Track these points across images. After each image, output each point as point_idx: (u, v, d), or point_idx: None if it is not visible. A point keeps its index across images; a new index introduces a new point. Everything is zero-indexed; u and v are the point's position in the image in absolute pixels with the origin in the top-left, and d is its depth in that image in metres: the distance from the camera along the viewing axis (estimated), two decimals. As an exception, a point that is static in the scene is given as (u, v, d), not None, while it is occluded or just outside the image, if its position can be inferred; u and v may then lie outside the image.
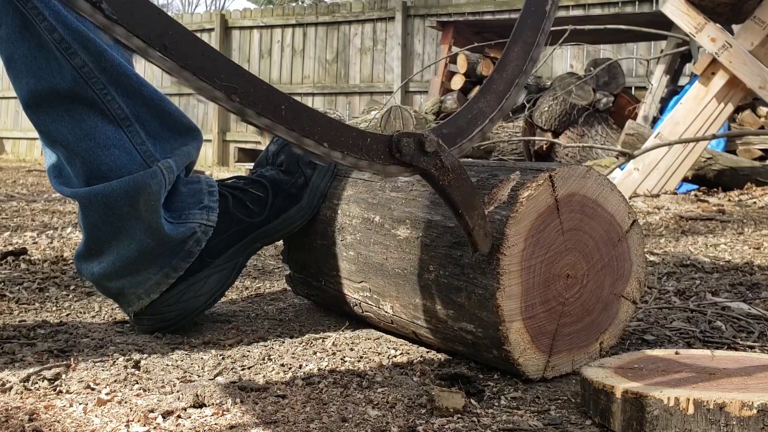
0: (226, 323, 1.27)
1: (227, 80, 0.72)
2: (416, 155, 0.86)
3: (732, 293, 1.53)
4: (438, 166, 0.87)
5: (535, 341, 0.96)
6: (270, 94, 0.75)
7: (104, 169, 1.11)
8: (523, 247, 0.94)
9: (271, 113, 0.75)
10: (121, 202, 1.11)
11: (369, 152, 0.83)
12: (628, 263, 1.04)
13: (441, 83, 6.19)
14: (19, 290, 1.49)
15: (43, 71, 1.09)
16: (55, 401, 0.87)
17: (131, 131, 1.13)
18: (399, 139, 0.85)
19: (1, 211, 2.95)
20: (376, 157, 0.84)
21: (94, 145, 1.11)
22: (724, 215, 2.89)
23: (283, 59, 8.64)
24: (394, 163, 0.85)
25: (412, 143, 0.85)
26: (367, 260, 1.14)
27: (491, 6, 7.29)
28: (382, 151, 0.84)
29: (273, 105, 0.76)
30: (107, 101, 1.11)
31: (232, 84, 0.73)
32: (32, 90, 1.10)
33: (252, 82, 0.74)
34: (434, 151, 0.87)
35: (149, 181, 1.12)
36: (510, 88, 0.94)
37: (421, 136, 0.86)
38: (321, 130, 0.79)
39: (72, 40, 1.08)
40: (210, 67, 0.71)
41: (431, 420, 0.83)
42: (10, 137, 10.28)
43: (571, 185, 0.97)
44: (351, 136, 0.82)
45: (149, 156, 1.14)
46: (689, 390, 0.79)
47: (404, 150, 0.85)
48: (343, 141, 0.81)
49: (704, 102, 3.74)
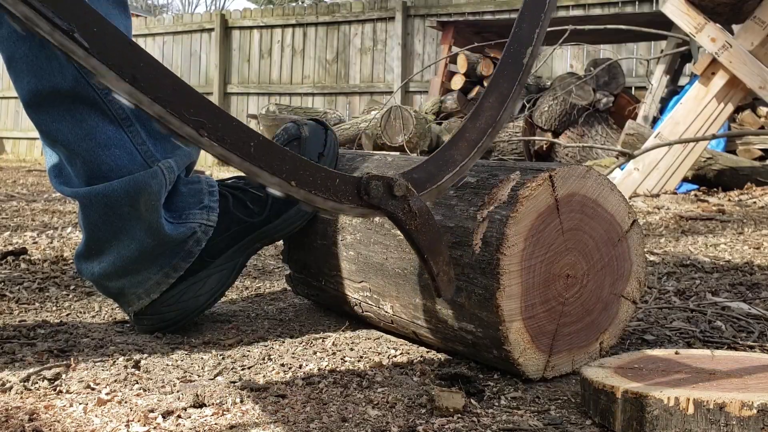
0: (226, 323, 1.27)
1: (196, 114, 0.72)
2: (384, 198, 0.86)
3: (732, 293, 1.53)
4: (405, 210, 0.87)
5: (535, 341, 0.96)
6: (239, 131, 0.74)
7: (105, 168, 1.11)
8: (523, 247, 0.94)
9: (239, 150, 0.74)
10: (122, 202, 1.11)
11: (337, 193, 0.82)
12: (628, 263, 1.04)
13: (441, 83, 6.20)
14: (19, 290, 1.49)
15: (44, 71, 1.09)
16: (55, 401, 0.87)
17: (132, 131, 1.13)
18: (368, 181, 0.84)
19: (1, 211, 2.95)
20: (344, 199, 0.83)
21: (95, 145, 1.11)
22: (724, 215, 2.89)
23: (283, 59, 8.64)
24: (362, 205, 0.85)
25: (380, 186, 0.85)
26: (367, 260, 1.14)
27: (491, 6, 7.29)
28: (350, 193, 0.84)
29: (242, 141, 0.75)
30: (108, 101, 1.11)
31: (201, 118, 0.72)
32: (33, 89, 1.10)
33: (221, 117, 0.73)
34: (402, 195, 0.87)
35: (150, 181, 1.12)
36: (482, 138, 0.95)
37: (390, 180, 0.86)
38: (289, 169, 0.78)
39: None
40: (180, 101, 0.71)
41: (431, 420, 0.83)
42: (10, 137, 10.28)
43: (571, 185, 0.97)
44: (320, 176, 0.81)
45: (150, 156, 1.14)
46: (689, 390, 0.79)
47: (372, 193, 0.85)
48: (311, 180, 0.80)
49: (704, 102, 3.74)
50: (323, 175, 0.81)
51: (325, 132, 1.29)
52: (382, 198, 0.86)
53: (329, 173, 0.82)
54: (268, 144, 0.77)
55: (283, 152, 0.78)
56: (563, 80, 5.52)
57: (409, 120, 5.29)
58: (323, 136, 1.28)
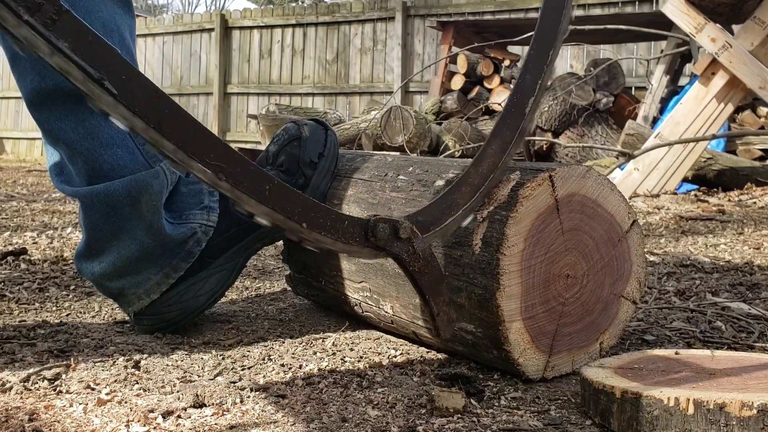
0: (226, 323, 1.27)
1: (216, 159, 0.76)
2: (390, 240, 0.89)
3: (732, 293, 1.53)
4: (410, 252, 0.91)
5: (535, 341, 0.96)
6: (255, 175, 0.79)
7: (106, 168, 1.11)
8: (523, 247, 0.94)
9: (256, 193, 0.79)
10: (124, 202, 1.11)
11: (345, 235, 0.86)
12: (628, 263, 1.04)
13: (441, 83, 6.20)
14: (19, 290, 1.49)
15: (47, 69, 1.09)
16: (55, 401, 0.87)
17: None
18: (375, 224, 0.88)
19: (1, 211, 2.95)
20: (352, 240, 0.87)
21: (97, 144, 1.11)
22: (724, 215, 2.89)
23: (283, 59, 8.64)
24: (368, 246, 0.89)
25: (387, 228, 0.89)
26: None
27: (491, 6, 7.30)
28: (358, 234, 0.88)
29: (258, 185, 0.79)
30: None
31: (220, 163, 0.76)
32: (36, 87, 1.10)
33: (238, 162, 0.77)
34: (407, 237, 0.91)
35: (152, 181, 1.12)
36: (484, 183, 0.98)
37: (396, 223, 0.90)
38: (300, 212, 0.82)
39: None
40: (201, 147, 0.75)
41: (431, 420, 0.83)
42: (10, 137, 10.29)
43: (571, 185, 0.97)
44: (330, 218, 0.85)
45: (151, 156, 1.14)
46: (689, 390, 0.79)
47: (379, 235, 0.88)
48: (322, 222, 0.84)
49: (704, 102, 3.74)
50: (333, 218, 0.85)
51: (326, 132, 1.29)
52: (388, 240, 0.90)
53: (339, 216, 0.86)
54: (282, 187, 0.81)
55: (296, 195, 0.82)
56: (563, 80, 5.52)
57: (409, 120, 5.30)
58: (323, 136, 1.28)
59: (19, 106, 10.19)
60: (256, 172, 0.79)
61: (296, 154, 1.27)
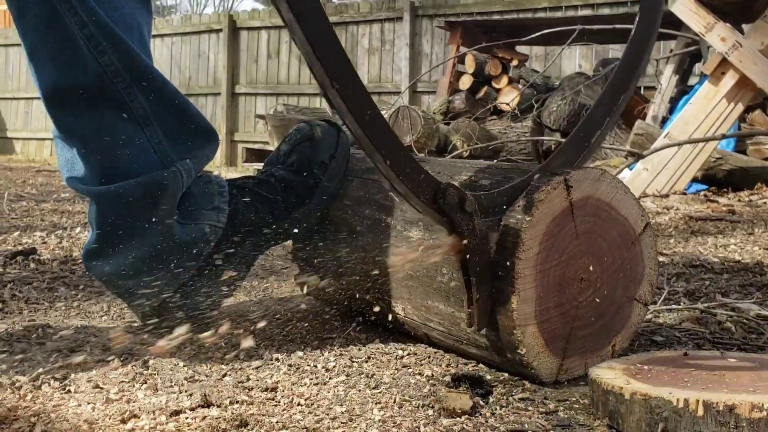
0: (234, 323, 1.27)
1: (336, 68, 0.86)
2: (455, 208, 0.92)
3: (742, 294, 1.52)
4: (470, 226, 0.92)
5: (549, 345, 0.96)
6: (361, 99, 0.87)
7: (120, 166, 1.12)
8: (538, 251, 0.94)
9: (357, 114, 0.87)
10: (139, 202, 1.11)
11: (418, 187, 0.90)
12: (641, 266, 1.03)
13: (449, 83, 6.18)
14: (28, 290, 1.50)
15: (67, 65, 1.09)
16: (64, 401, 0.88)
17: (150, 130, 1.13)
18: (446, 187, 0.91)
19: (11, 211, 2.97)
20: (422, 195, 0.91)
21: (112, 142, 1.11)
22: (734, 215, 2.87)
23: (291, 60, 8.65)
24: (434, 208, 0.91)
25: (455, 196, 0.91)
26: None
27: (499, 6, 7.28)
28: (429, 193, 0.91)
29: (360, 107, 0.87)
30: (130, 100, 1.11)
31: (340, 74, 0.86)
32: (54, 83, 1.10)
33: (354, 82, 0.86)
34: (471, 211, 0.92)
35: (168, 181, 1.12)
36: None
37: (464, 194, 0.92)
38: (389, 148, 0.88)
39: (102, 38, 1.08)
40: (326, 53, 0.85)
41: (439, 420, 0.82)
42: (20, 137, 10.34)
43: (585, 189, 0.97)
44: (410, 166, 0.90)
45: (166, 156, 1.14)
46: (699, 391, 0.78)
47: (448, 199, 0.91)
48: (402, 167, 0.89)
49: (714, 102, 3.72)
50: (412, 166, 0.90)
51: (337, 133, 1.30)
52: (453, 207, 0.91)
53: (417, 168, 0.90)
54: (380, 118, 0.87)
55: (389, 131, 0.88)
56: (572, 80, 5.50)
57: (417, 120, 5.29)
58: (335, 138, 1.29)
59: (28, 106, 10.24)
60: (364, 97, 0.86)
61: (308, 154, 1.27)
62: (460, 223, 0.91)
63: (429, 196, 0.90)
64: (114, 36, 1.09)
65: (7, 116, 10.50)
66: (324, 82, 0.84)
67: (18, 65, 10.38)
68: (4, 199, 3.34)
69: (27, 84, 10.27)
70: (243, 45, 8.97)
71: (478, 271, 0.93)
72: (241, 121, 8.87)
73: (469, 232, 0.92)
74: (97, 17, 1.08)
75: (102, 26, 1.08)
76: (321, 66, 0.83)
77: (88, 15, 1.07)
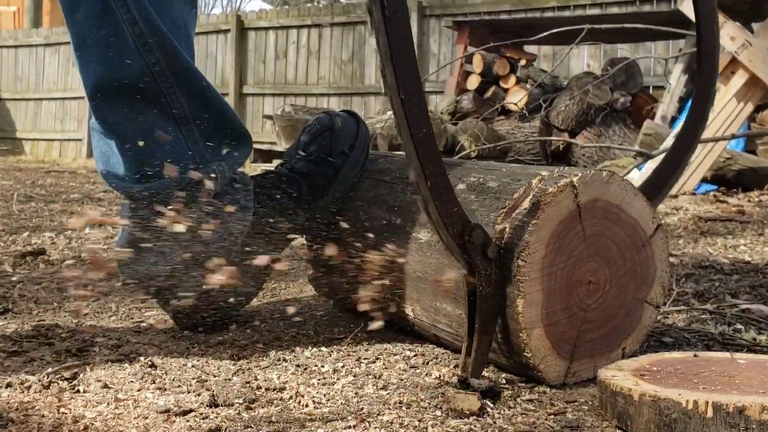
0: (243, 323, 1.27)
1: (406, 76, 0.87)
2: (477, 249, 0.91)
3: (752, 295, 1.51)
4: (487, 272, 0.92)
5: (556, 348, 0.95)
6: (421, 114, 0.88)
7: (156, 163, 1.13)
8: (545, 253, 0.93)
9: (414, 130, 0.87)
10: (174, 202, 1.12)
11: (449, 218, 0.89)
12: (653, 268, 1.02)
13: (456, 83, 6.18)
14: (37, 290, 1.50)
15: (113, 61, 1.11)
16: (73, 400, 0.88)
17: (187, 130, 1.15)
18: (474, 227, 0.90)
19: (21, 212, 2.98)
20: (450, 228, 0.90)
21: (150, 140, 1.13)
22: (744, 216, 2.85)
23: (298, 60, 8.66)
24: (459, 244, 0.91)
25: (480, 238, 0.91)
26: (385, 262, 1.14)
27: (507, 5, 7.26)
28: (457, 227, 0.90)
29: (418, 124, 0.88)
30: (171, 99, 1.13)
31: (407, 83, 0.87)
32: (99, 77, 1.12)
33: (416, 95, 0.87)
34: (492, 258, 0.92)
35: (204, 182, 1.13)
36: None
37: (489, 240, 0.92)
38: (433, 171, 0.88)
39: (150, 37, 1.10)
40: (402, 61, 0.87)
41: (447, 421, 0.82)
42: (29, 138, 10.39)
43: (593, 191, 0.96)
44: (447, 195, 0.89)
45: (200, 156, 1.15)
46: (708, 393, 0.78)
47: (474, 238, 0.90)
48: (440, 193, 0.89)
49: (723, 101, 3.70)
50: (449, 196, 0.89)
51: (357, 124, 1.30)
52: (476, 248, 0.91)
53: (453, 200, 0.90)
54: (432, 139, 0.88)
55: (437, 155, 0.89)
56: (580, 80, 5.48)
57: (424, 120, 5.28)
58: (355, 128, 1.29)
59: (38, 107, 10.29)
60: (423, 114, 0.87)
61: (327, 144, 1.28)
62: (478, 266, 0.91)
63: (457, 230, 0.90)
64: (162, 36, 1.11)
65: (16, 117, 10.55)
66: (392, 89, 0.85)
67: (27, 66, 10.44)
68: (13, 199, 3.36)
69: (36, 85, 10.33)
70: (251, 45, 8.98)
71: (482, 319, 0.93)
72: (249, 121, 8.89)
73: (484, 278, 0.92)
74: (148, 16, 1.10)
75: (151, 25, 1.10)
76: (393, 73, 0.84)
77: (140, 13, 1.09)
